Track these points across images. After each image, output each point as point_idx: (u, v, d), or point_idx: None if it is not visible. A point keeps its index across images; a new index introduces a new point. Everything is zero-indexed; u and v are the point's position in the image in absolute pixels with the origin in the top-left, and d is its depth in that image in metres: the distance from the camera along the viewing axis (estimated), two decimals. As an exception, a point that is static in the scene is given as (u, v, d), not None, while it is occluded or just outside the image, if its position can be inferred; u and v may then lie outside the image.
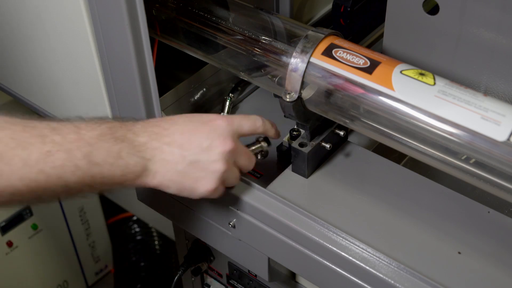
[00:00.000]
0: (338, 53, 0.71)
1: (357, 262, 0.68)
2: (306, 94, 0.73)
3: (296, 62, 0.72)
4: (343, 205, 0.75)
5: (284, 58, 0.75)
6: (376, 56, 0.70)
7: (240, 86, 0.97)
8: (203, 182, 0.69)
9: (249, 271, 0.91)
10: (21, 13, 0.86)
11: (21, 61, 0.95)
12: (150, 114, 0.78)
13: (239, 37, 0.79)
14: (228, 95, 0.94)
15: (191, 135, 0.68)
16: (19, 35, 0.90)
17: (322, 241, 0.70)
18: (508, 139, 0.60)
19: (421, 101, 0.65)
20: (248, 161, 0.74)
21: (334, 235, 0.70)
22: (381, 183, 0.78)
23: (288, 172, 0.80)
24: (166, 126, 0.68)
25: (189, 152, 0.67)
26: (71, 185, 0.62)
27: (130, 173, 0.66)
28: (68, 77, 0.87)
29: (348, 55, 0.70)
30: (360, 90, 0.68)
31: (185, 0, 0.84)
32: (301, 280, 0.85)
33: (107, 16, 0.72)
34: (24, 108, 1.03)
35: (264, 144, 0.78)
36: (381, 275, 0.66)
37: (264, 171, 0.84)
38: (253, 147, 0.78)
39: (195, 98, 0.92)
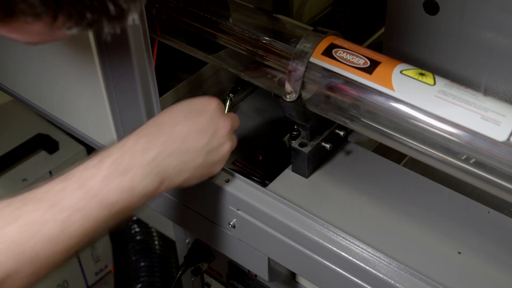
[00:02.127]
0: (338, 53, 0.71)
1: (357, 262, 0.68)
2: (306, 94, 0.73)
3: (296, 62, 0.72)
4: (343, 205, 0.75)
5: (284, 58, 0.75)
6: (376, 56, 0.70)
7: (240, 86, 0.97)
8: (218, 164, 0.74)
9: (249, 271, 0.91)
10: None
11: (21, 61, 0.95)
12: (150, 114, 0.78)
13: (239, 37, 0.79)
14: (228, 95, 0.94)
15: (197, 129, 0.70)
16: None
17: (322, 241, 0.70)
18: (508, 139, 0.60)
19: (421, 101, 0.65)
20: (237, 122, 0.77)
21: (334, 235, 0.70)
22: (381, 183, 0.78)
23: (288, 172, 0.80)
24: (168, 130, 0.69)
25: (202, 143, 0.70)
26: (101, 227, 0.63)
27: (151, 190, 0.66)
28: (68, 77, 0.87)
29: (348, 55, 0.70)
30: (360, 90, 0.68)
31: (185, 0, 0.84)
32: (301, 280, 0.85)
33: (107, 16, 0.72)
34: (24, 108, 1.03)
35: (232, 96, 0.91)
36: (381, 275, 0.66)
37: (264, 171, 0.84)
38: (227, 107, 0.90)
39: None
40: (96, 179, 0.63)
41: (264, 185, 0.78)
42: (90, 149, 1.60)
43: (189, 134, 0.69)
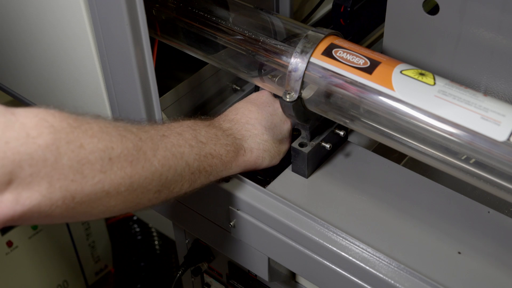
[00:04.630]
0: (338, 53, 0.71)
1: (357, 262, 0.68)
2: (306, 94, 0.73)
3: (296, 62, 0.72)
4: (343, 205, 0.75)
5: (284, 58, 0.75)
6: (376, 56, 0.70)
7: (240, 86, 0.97)
8: (284, 142, 0.79)
9: (249, 271, 0.91)
10: (21, 13, 0.86)
11: (21, 61, 0.95)
12: (150, 114, 0.78)
13: (239, 37, 0.79)
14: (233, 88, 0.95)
15: (257, 108, 0.78)
16: (19, 35, 0.90)
17: (322, 241, 0.70)
18: (508, 139, 0.60)
19: (421, 101, 0.65)
20: None
21: (334, 235, 0.70)
22: (381, 183, 0.78)
23: (288, 172, 0.80)
24: (233, 113, 0.77)
25: (265, 121, 0.77)
26: (192, 165, 0.66)
27: (230, 151, 0.71)
28: (68, 77, 0.87)
29: (348, 55, 0.70)
30: (360, 90, 0.68)
31: (185, 0, 0.84)
32: (301, 280, 0.85)
33: (107, 16, 0.72)
34: (24, 108, 1.03)
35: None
36: (381, 275, 0.66)
37: (264, 171, 0.84)
38: None
39: (195, 98, 0.92)
40: (187, 122, 0.70)
41: (264, 185, 0.78)
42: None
43: (251, 113, 0.77)
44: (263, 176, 0.83)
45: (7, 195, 0.51)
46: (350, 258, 0.68)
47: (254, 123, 0.76)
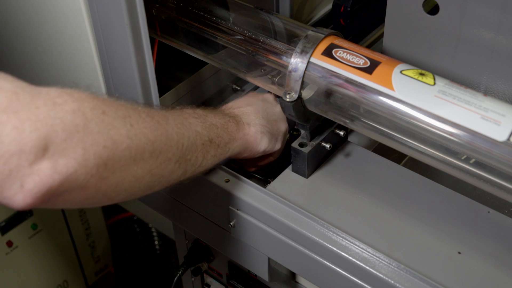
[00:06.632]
0: (338, 53, 0.71)
1: (357, 262, 0.68)
2: (306, 94, 0.73)
3: (296, 62, 0.72)
4: (343, 205, 0.75)
5: (284, 58, 0.75)
6: (376, 56, 0.70)
7: (240, 86, 0.97)
8: (279, 122, 0.80)
9: (249, 271, 0.91)
10: (21, 13, 0.86)
11: (21, 61, 0.95)
12: (150, 114, 0.78)
13: (239, 37, 0.79)
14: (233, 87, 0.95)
15: (247, 98, 0.81)
16: (19, 35, 0.90)
17: (322, 241, 0.70)
18: (508, 139, 0.60)
19: (421, 101, 0.65)
20: None
21: (334, 235, 0.70)
22: (381, 183, 0.78)
23: (288, 172, 0.80)
24: (223, 106, 0.80)
25: (255, 104, 0.79)
26: (202, 134, 0.68)
27: (231, 121, 0.73)
28: (68, 77, 0.87)
29: (348, 55, 0.70)
30: (360, 90, 0.68)
31: (185, 0, 0.84)
32: (301, 280, 0.85)
33: (107, 16, 0.72)
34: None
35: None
36: (381, 275, 0.66)
37: (264, 171, 0.84)
38: None
39: (195, 98, 0.92)
40: (180, 106, 0.71)
41: (264, 185, 0.78)
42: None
43: (240, 102, 0.80)
44: (263, 176, 0.83)
45: (45, 163, 0.51)
46: (350, 258, 0.68)
47: (245, 106, 0.78)
